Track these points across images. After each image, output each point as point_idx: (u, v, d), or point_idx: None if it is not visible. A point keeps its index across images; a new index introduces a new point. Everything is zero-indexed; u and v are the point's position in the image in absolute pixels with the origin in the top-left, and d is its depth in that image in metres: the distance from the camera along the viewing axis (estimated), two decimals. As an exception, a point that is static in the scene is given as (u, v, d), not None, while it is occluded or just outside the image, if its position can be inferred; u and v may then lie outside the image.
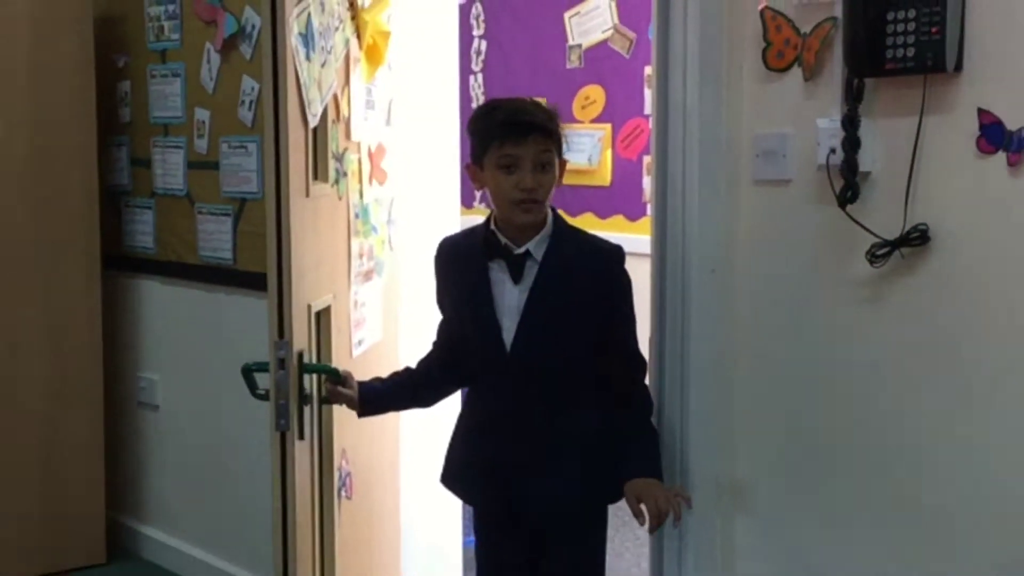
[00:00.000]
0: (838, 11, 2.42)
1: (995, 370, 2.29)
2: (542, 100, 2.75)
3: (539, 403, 2.58)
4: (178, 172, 4.41)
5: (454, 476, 2.78)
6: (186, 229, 4.40)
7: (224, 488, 4.33)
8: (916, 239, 2.37)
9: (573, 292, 2.55)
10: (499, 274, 2.57)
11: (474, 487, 2.71)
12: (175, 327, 4.56)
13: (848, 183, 2.43)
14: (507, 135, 2.47)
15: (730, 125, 2.69)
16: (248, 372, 2.82)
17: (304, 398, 2.72)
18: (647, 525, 2.50)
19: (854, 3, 2.33)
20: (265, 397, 2.69)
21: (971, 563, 2.33)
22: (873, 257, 2.42)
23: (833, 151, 2.45)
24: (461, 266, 2.64)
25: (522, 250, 2.55)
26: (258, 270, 4.05)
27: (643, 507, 2.47)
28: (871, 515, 2.50)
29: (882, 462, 2.48)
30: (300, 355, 2.69)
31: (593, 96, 5.96)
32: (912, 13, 2.28)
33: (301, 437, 2.73)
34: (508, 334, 2.56)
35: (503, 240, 2.56)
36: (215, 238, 4.27)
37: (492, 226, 2.59)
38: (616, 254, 2.61)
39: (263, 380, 2.77)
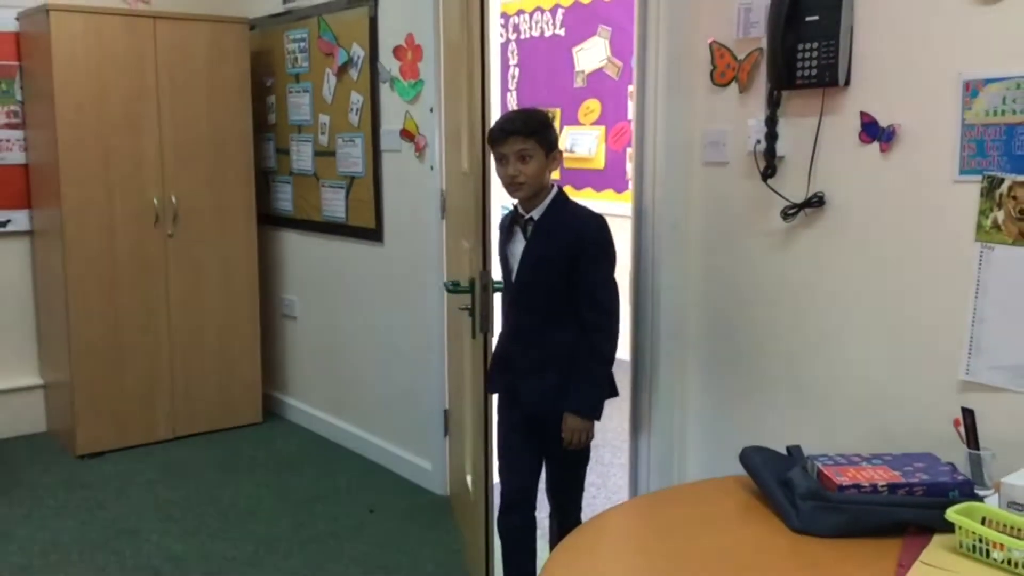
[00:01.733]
0: (763, 43, 2.38)
1: (866, 290, 2.27)
2: (552, 110, 2.69)
3: (532, 321, 2.50)
4: (308, 158, 4.40)
5: (488, 375, 2.69)
6: (314, 197, 4.39)
7: (339, 371, 4.37)
8: (815, 203, 2.34)
9: (555, 242, 2.45)
10: (519, 234, 2.52)
11: (496, 381, 2.63)
12: (306, 264, 4.57)
13: (768, 164, 2.40)
14: (494, 139, 2.45)
15: (687, 124, 2.65)
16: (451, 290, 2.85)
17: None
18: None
19: (774, 39, 2.29)
20: (468, 310, 2.63)
21: (840, 431, 2.33)
22: (785, 215, 2.39)
23: (759, 142, 2.42)
24: (504, 229, 2.60)
25: (528, 216, 2.49)
26: (363, 225, 4.08)
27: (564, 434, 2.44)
28: (772, 393, 2.49)
29: (780, 348, 2.47)
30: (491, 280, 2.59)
31: (592, 107, 5.92)
32: (815, 44, 2.25)
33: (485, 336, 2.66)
34: (515, 272, 2.53)
35: (520, 210, 2.52)
36: (333, 203, 4.26)
37: (515, 201, 2.56)
38: (594, 220, 2.46)
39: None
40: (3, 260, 4.46)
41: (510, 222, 2.57)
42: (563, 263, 2.44)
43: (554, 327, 2.48)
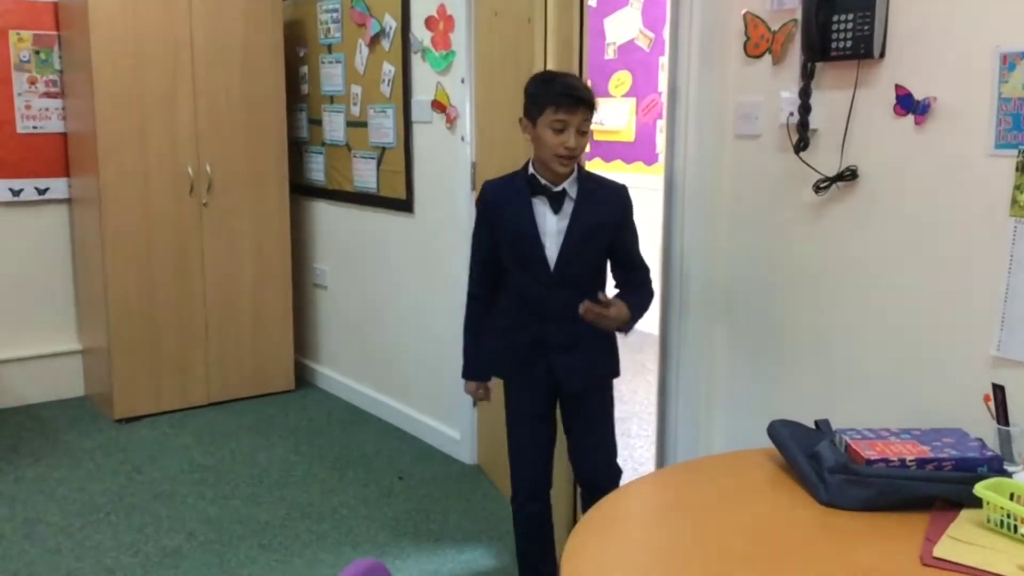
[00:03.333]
0: (798, 15, 2.33)
1: (898, 264, 2.24)
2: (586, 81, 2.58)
3: (571, 296, 2.33)
4: (340, 128, 4.41)
5: (492, 361, 2.56)
6: (345, 167, 4.40)
7: (370, 340, 4.40)
8: (848, 176, 2.31)
9: (598, 217, 2.36)
10: (541, 207, 2.36)
11: (516, 363, 2.47)
12: (338, 233, 4.60)
13: (801, 136, 2.37)
14: (562, 103, 2.26)
15: (719, 96, 2.62)
16: None
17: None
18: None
19: (809, 9, 2.25)
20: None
21: (869, 405, 2.31)
22: (817, 188, 2.36)
23: (792, 114, 2.39)
24: (511, 200, 2.40)
25: (559, 188, 2.35)
26: (394, 196, 4.08)
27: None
28: (800, 366, 2.48)
29: (812, 320, 2.45)
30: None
31: (623, 79, 5.87)
32: (850, 16, 2.20)
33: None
34: (550, 252, 2.35)
35: (543, 181, 2.35)
36: (365, 174, 4.27)
37: (532, 170, 2.37)
38: (624, 189, 2.43)
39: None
40: (42, 227, 4.53)
41: (526, 191, 2.37)
42: (607, 234, 2.39)
43: (582, 299, 2.37)
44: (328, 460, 3.85)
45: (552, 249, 2.36)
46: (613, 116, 5.92)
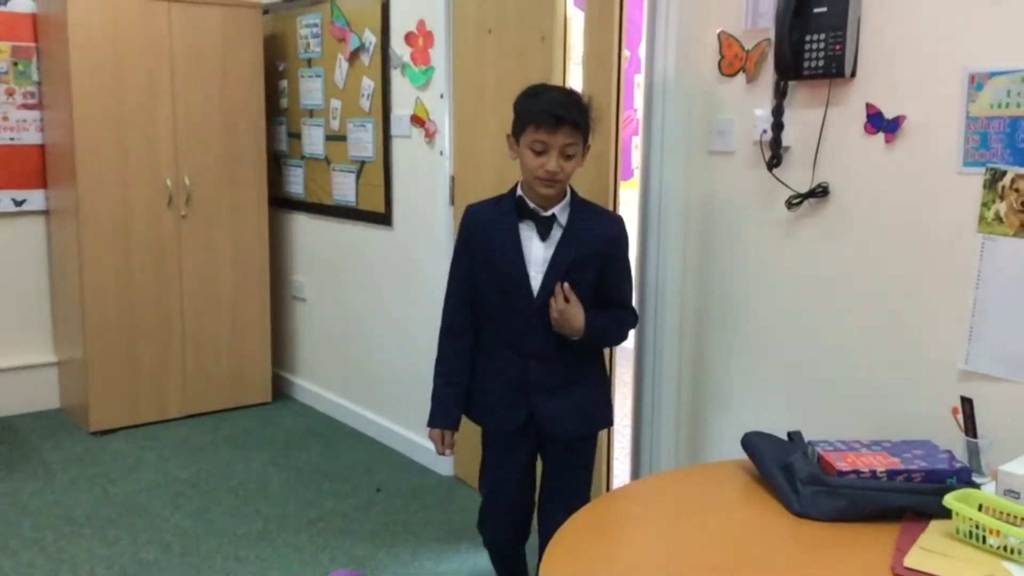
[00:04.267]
0: (771, 34, 2.36)
1: (868, 280, 2.27)
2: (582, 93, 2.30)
3: (557, 336, 2.19)
4: (319, 142, 4.40)
5: (479, 407, 2.34)
6: (324, 181, 4.39)
7: (348, 353, 4.39)
8: (820, 192, 2.34)
9: (587, 250, 2.18)
10: (527, 232, 2.18)
11: (500, 408, 2.28)
12: (317, 246, 4.58)
13: (774, 153, 2.40)
14: (541, 123, 2.08)
15: (693, 113, 2.64)
16: None
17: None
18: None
19: (782, 29, 2.28)
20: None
21: (841, 418, 2.34)
22: (790, 204, 2.39)
23: (765, 131, 2.42)
24: (495, 225, 2.22)
25: (548, 214, 2.18)
26: (373, 209, 4.08)
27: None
28: (774, 379, 2.50)
29: (784, 334, 2.47)
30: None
31: (600, 94, 5.90)
32: (822, 36, 2.24)
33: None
34: (535, 280, 2.18)
35: (532, 205, 2.18)
36: (344, 187, 4.26)
37: (520, 192, 2.22)
38: (621, 222, 2.30)
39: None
40: (19, 239, 4.48)
41: (512, 215, 2.20)
42: (597, 267, 2.21)
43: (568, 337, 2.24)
44: (305, 472, 3.83)
45: (537, 279, 2.18)
46: (590, 132, 5.96)
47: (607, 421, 2.40)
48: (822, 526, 1.61)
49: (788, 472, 1.73)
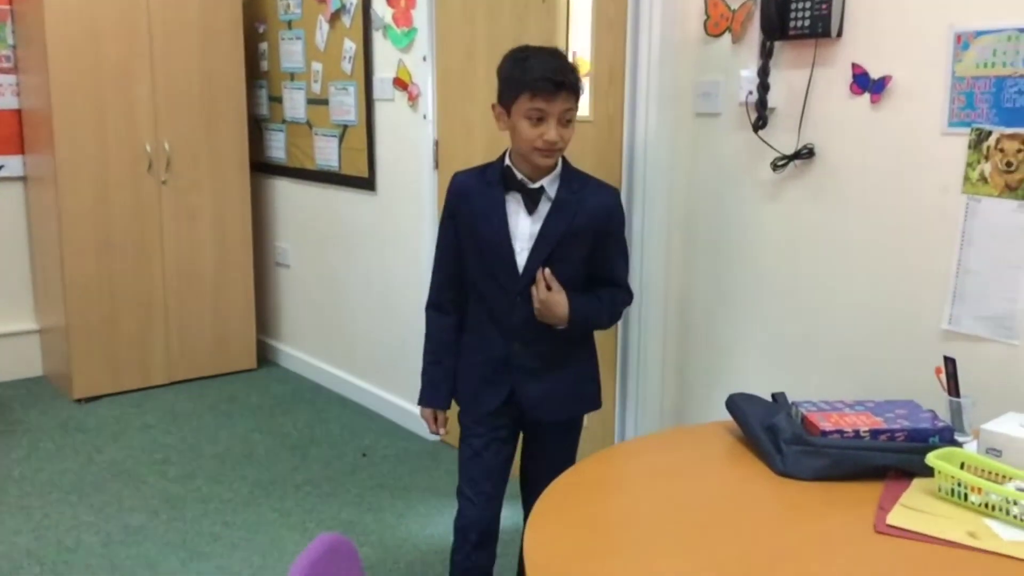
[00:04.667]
0: (757, -6, 2.34)
1: (853, 241, 2.27)
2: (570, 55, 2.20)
3: (534, 313, 2.09)
4: (301, 106, 4.35)
5: (458, 384, 2.22)
6: (307, 145, 4.35)
7: (332, 318, 4.37)
8: (806, 154, 2.33)
9: (577, 224, 2.06)
10: (514, 205, 2.07)
11: (480, 385, 2.16)
12: (300, 212, 4.55)
13: (760, 115, 2.39)
14: (539, 89, 1.95)
15: (679, 74, 2.62)
16: None
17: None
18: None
19: (769, -12, 2.26)
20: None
21: (825, 379, 2.35)
22: (775, 166, 2.38)
23: (751, 93, 2.40)
24: (480, 195, 2.10)
25: (536, 186, 2.05)
26: (356, 174, 4.04)
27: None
28: (759, 342, 2.51)
29: (769, 296, 2.47)
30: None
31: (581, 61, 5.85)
32: (809, -5, 2.22)
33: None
34: (520, 256, 2.06)
35: (519, 176, 2.06)
36: (326, 152, 4.22)
37: (508, 162, 2.09)
38: (615, 194, 2.18)
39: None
40: (-3, 206, 4.43)
41: (498, 186, 2.08)
42: (588, 242, 2.09)
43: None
44: (291, 438, 3.83)
45: (523, 255, 2.07)
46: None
47: (595, 403, 2.27)
48: (806, 485, 1.62)
49: (772, 432, 1.74)
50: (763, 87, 2.36)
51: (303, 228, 4.53)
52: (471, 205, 2.11)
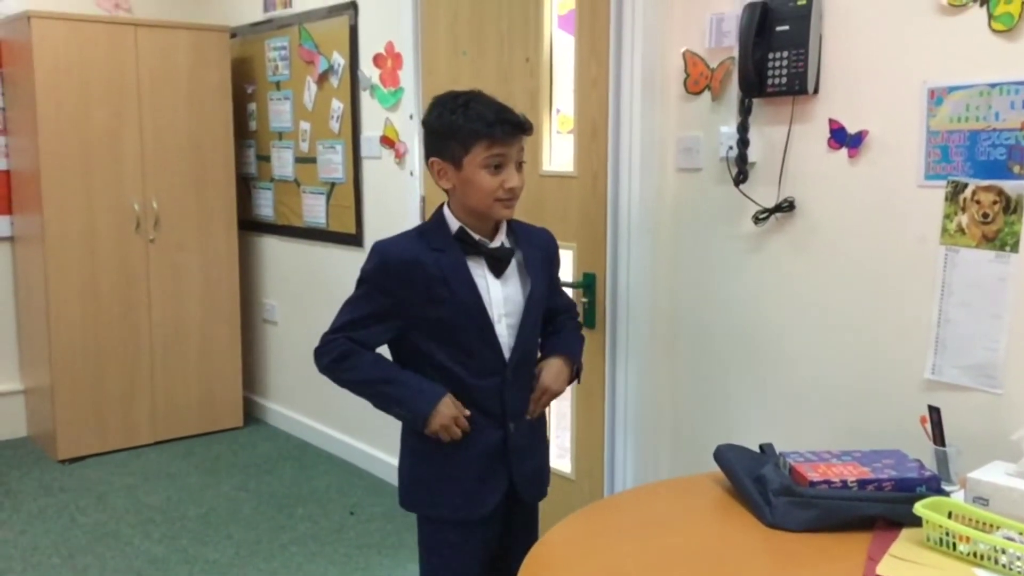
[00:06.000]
0: (735, 52, 2.39)
1: (835, 292, 2.29)
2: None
3: (528, 385, 1.97)
4: (289, 164, 4.39)
5: (440, 496, 1.95)
6: (295, 203, 4.38)
7: (319, 376, 4.33)
8: (786, 207, 2.36)
9: (545, 274, 1.98)
10: (477, 270, 1.86)
11: (474, 487, 1.92)
12: (288, 269, 4.55)
13: (740, 170, 2.42)
14: (497, 135, 1.78)
15: (661, 130, 2.66)
16: None
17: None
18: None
19: (745, 47, 2.31)
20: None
21: (811, 430, 2.35)
22: (756, 219, 2.41)
23: (731, 148, 2.44)
24: (436, 264, 1.83)
25: (497, 244, 1.88)
26: (343, 231, 4.06)
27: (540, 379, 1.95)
28: (744, 393, 2.51)
29: (753, 348, 2.49)
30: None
31: (565, 118, 5.92)
32: (785, 54, 2.27)
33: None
34: (501, 327, 1.87)
35: (477, 236, 1.86)
36: (314, 209, 4.25)
37: (457, 223, 1.87)
38: (551, 233, 2.09)
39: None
40: (-16, 266, 4.42)
41: (449, 256, 1.84)
42: (549, 291, 2.01)
43: (532, 379, 1.99)
44: (278, 497, 3.78)
45: (504, 327, 1.88)
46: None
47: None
48: (795, 537, 1.62)
49: (760, 484, 1.74)
50: (743, 142, 2.40)
51: (290, 285, 4.53)
52: (426, 276, 1.82)
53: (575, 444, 3.06)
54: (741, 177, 2.42)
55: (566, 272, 3.01)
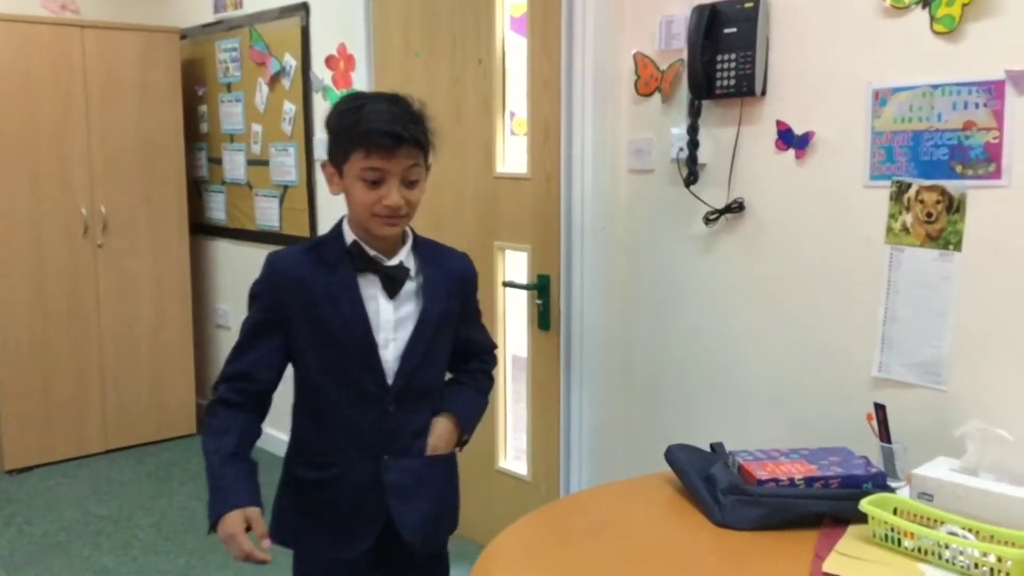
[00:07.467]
0: (685, 55, 2.40)
1: (784, 291, 2.31)
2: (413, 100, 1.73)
3: (420, 414, 1.78)
4: (241, 167, 4.34)
5: (307, 531, 1.80)
6: (247, 206, 4.33)
7: (276, 381, 4.30)
8: (736, 208, 2.38)
9: (448, 300, 1.77)
10: (369, 289, 1.69)
11: (343, 525, 1.76)
12: (241, 273, 4.50)
13: (691, 171, 2.44)
14: (374, 146, 1.59)
15: (613, 132, 2.67)
16: None
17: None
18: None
19: (694, 50, 2.32)
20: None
21: (761, 428, 2.37)
22: (707, 220, 2.43)
23: (681, 150, 2.45)
24: (322, 281, 1.69)
25: (395, 262, 1.71)
26: (297, 234, 4.02)
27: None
28: (696, 392, 2.53)
29: (705, 347, 2.50)
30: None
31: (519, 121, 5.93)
32: (733, 56, 2.29)
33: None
34: (386, 352, 1.70)
35: (372, 252, 1.70)
36: (267, 213, 4.21)
37: (352, 235, 1.72)
38: (468, 256, 1.89)
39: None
40: (-75, 273, 4.31)
41: (337, 272, 1.69)
42: (456, 321, 1.82)
43: (430, 417, 1.80)
44: (232, 504, 3.73)
45: (391, 352, 1.71)
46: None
47: (455, 524, 1.91)
48: (743, 535, 1.63)
49: (710, 483, 1.75)
50: (693, 144, 2.42)
51: (244, 289, 4.43)
52: (310, 294, 1.68)
53: (531, 446, 3.06)
54: (692, 178, 2.44)
55: (520, 274, 3.03)
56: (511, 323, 3.17)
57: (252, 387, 1.76)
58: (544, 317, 2.92)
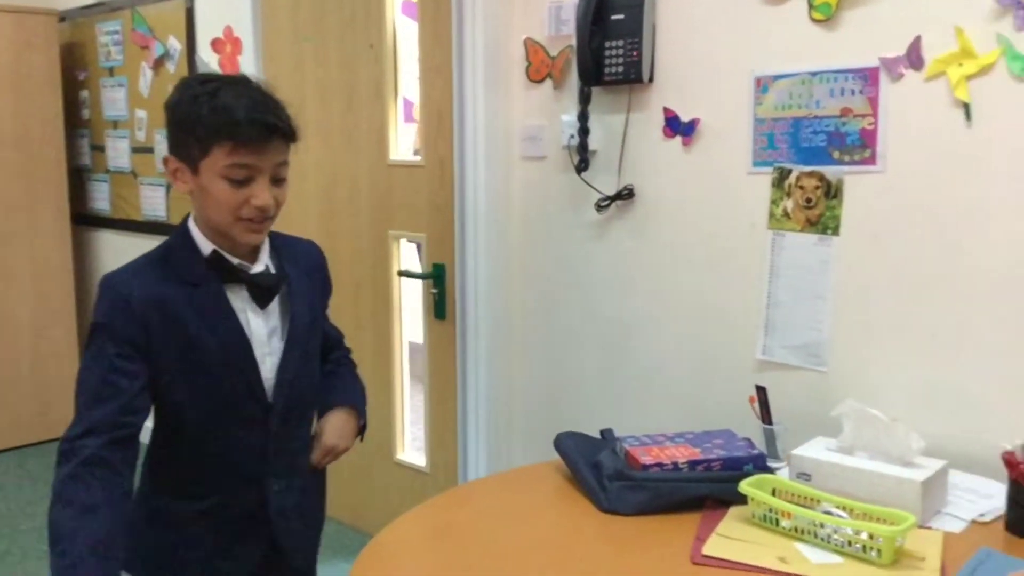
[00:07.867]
0: (574, 41, 2.40)
1: (673, 277, 2.34)
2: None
3: (300, 428, 1.65)
4: (125, 155, 4.18)
5: (178, 564, 1.59)
6: (132, 196, 4.18)
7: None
8: (626, 195, 2.39)
9: (314, 299, 1.65)
10: (237, 303, 1.51)
11: (218, 556, 1.59)
12: (128, 265, 4.35)
13: (582, 158, 2.44)
14: (243, 139, 1.40)
15: (506, 119, 2.66)
16: None
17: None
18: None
19: (582, 37, 2.32)
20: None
21: (654, 412, 2.40)
22: (599, 207, 2.43)
23: (572, 136, 2.45)
24: (182, 301, 1.46)
25: (260, 269, 1.53)
26: (185, 223, 3.90)
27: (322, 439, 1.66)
28: (591, 378, 2.54)
29: (599, 334, 2.52)
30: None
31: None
32: (620, 43, 2.30)
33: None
34: (265, 368, 1.53)
35: (235, 261, 1.50)
36: (153, 202, 4.07)
37: (210, 244, 1.50)
38: (316, 243, 1.74)
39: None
40: None
41: (201, 287, 1.48)
42: (321, 319, 1.70)
43: (310, 431, 1.68)
44: (120, 505, 3.60)
45: (268, 367, 1.54)
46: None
47: (323, 523, 1.82)
48: (628, 520, 1.64)
49: (597, 470, 1.75)
50: (583, 131, 2.42)
51: (132, 282, 4.32)
52: (175, 318, 1.46)
53: (428, 437, 3.04)
54: (583, 165, 2.44)
55: (413, 263, 2.99)
56: (407, 313, 3.13)
57: (124, 434, 1.43)
58: (440, 306, 2.89)
